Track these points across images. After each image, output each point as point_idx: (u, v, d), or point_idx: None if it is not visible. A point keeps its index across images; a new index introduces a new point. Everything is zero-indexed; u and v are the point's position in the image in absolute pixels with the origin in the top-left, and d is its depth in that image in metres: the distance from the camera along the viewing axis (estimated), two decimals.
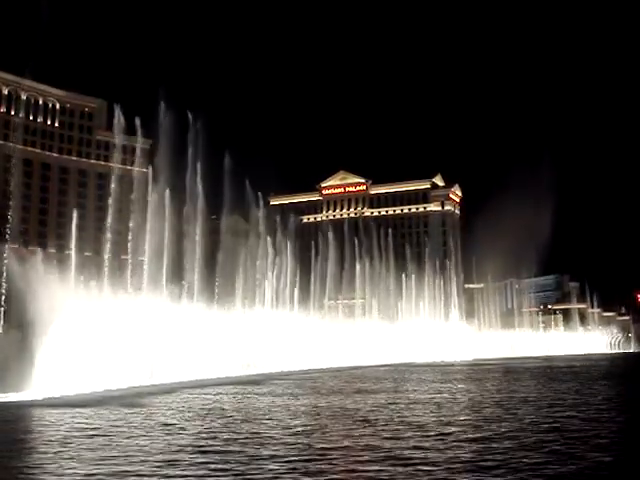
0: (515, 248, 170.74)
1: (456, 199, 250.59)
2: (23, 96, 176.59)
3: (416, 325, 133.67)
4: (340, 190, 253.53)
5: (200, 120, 73.04)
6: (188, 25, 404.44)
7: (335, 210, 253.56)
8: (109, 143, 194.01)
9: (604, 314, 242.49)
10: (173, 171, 70.38)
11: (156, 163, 67.64)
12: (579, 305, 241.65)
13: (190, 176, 72.38)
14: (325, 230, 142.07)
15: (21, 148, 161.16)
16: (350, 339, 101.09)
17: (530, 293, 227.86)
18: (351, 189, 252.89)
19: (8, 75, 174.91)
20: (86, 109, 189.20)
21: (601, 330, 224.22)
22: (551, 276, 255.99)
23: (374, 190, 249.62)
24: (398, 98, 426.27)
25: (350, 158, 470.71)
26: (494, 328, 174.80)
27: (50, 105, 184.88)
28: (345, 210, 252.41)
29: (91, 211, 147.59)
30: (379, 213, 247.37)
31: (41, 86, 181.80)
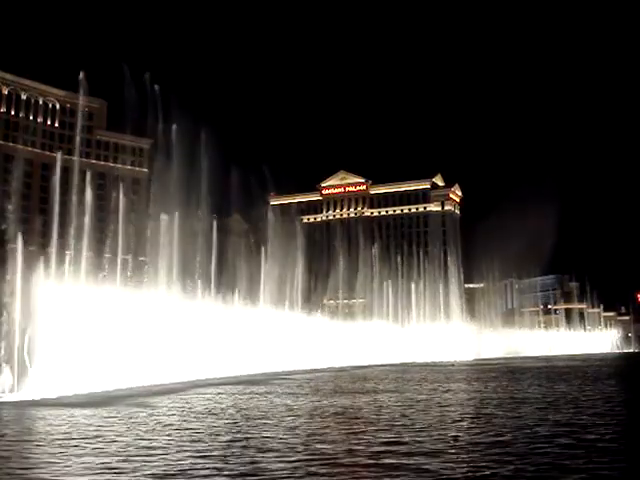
0: (515, 248, 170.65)
1: (456, 199, 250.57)
2: (23, 96, 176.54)
3: (416, 325, 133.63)
4: (340, 190, 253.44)
5: (203, 122, 73.31)
6: (188, 24, 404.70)
7: (335, 210, 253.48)
8: (109, 143, 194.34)
9: (604, 314, 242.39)
10: (174, 171, 70.61)
11: (158, 164, 67.72)
12: (579, 305, 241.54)
13: (197, 177, 72.90)
14: (325, 230, 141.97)
15: (21, 148, 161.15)
16: (351, 339, 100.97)
17: (530, 293, 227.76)
18: (351, 189, 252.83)
19: (8, 75, 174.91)
20: (86, 109, 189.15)
21: (601, 330, 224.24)
22: (551, 276, 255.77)
23: (374, 190, 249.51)
24: (398, 99, 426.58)
25: (350, 158, 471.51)
26: (494, 328, 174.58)
27: (50, 105, 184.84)
28: (345, 210, 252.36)
29: (91, 211, 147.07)
30: (379, 213, 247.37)
31: (41, 86, 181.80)
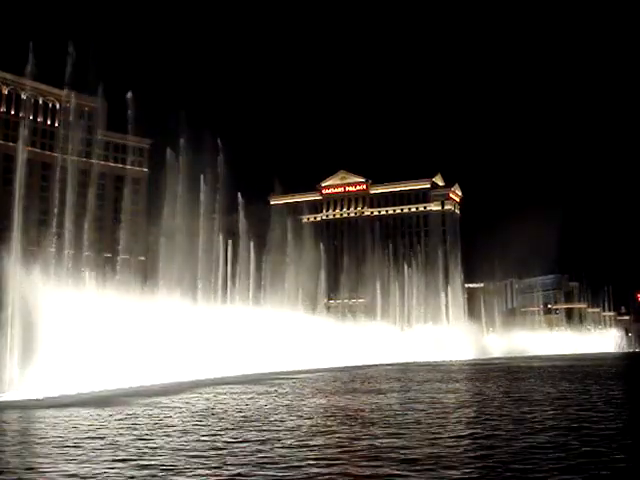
0: (515, 248, 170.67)
1: (456, 199, 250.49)
2: (23, 96, 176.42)
3: (417, 324, 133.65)
4: (340, 190, 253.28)
5: (204, 122, 73.47)
6: (187, 23, 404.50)
7: (335, 210, 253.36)
8: (110, 143, 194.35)
9: (604, 314, 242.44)
10: (176, 172, 70.89)
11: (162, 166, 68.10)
12: (579, 305, 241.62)
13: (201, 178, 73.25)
14: (325, 230, 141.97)
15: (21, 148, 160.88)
16: (352, 339, 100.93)
17: (530, 293, 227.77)
18: (351, 189, 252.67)
19: (8, 75, 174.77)
20: (86, 109, 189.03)
21: (602, 330, 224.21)
22: (551, 276, 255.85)
23: (374, 190, 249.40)
24: (398, 98, 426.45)
25: (350, 158, 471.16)
26: (494, 328, 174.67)
27: (50, 105, 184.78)
28: (345, 210, 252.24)
29: (92, 210, 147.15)
30: (379, 213, 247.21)
31: (41, 86, 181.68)
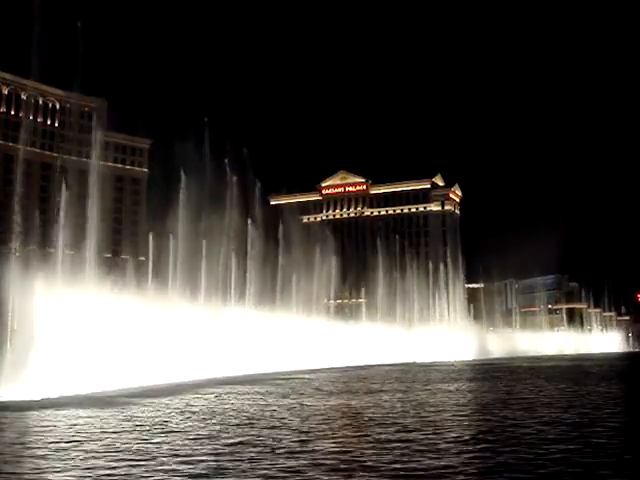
0: (515, 248, 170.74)
1: (456, 199, 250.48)
2: (23, 96, 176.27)
3: (417, 325, 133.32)
4: (340, 190, 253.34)
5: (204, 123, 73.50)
6: (187, 23, 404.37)
7: (335, 210, 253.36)
8: (110, 143, 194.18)
9: (604, 314, 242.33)
10: (176, 172, 70.96)
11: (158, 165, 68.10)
12: (580, 305, 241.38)
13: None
14: (326, 230, 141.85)
15: (21, 148, 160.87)
16: (352, 339, 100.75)
17: (531, 293, 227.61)
18: (351, 189, 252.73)
19: (8, 75, 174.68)
20: (86, 109, 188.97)
21: (602, 330, 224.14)
22: (551, 276, 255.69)
23: (374, 190, 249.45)
24: (398, 99, 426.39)
25: (350, 158, 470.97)
26: (494, 328, 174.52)
27: (50, 105, 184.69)
28: (345, 210, 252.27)
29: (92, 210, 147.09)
30: (379, 213, 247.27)
31: (41, 86, 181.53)
